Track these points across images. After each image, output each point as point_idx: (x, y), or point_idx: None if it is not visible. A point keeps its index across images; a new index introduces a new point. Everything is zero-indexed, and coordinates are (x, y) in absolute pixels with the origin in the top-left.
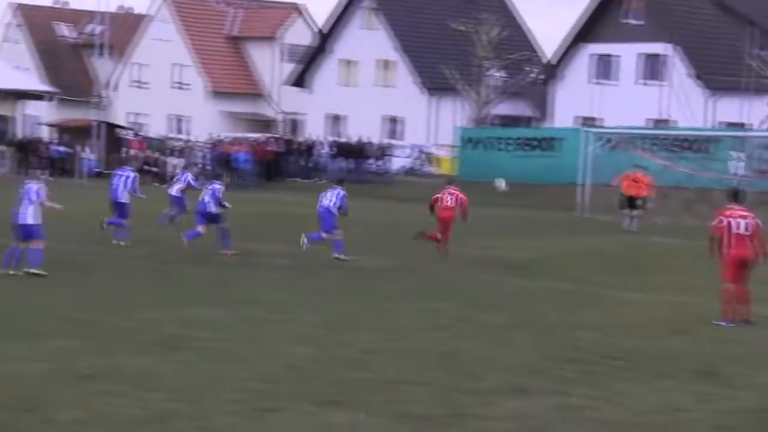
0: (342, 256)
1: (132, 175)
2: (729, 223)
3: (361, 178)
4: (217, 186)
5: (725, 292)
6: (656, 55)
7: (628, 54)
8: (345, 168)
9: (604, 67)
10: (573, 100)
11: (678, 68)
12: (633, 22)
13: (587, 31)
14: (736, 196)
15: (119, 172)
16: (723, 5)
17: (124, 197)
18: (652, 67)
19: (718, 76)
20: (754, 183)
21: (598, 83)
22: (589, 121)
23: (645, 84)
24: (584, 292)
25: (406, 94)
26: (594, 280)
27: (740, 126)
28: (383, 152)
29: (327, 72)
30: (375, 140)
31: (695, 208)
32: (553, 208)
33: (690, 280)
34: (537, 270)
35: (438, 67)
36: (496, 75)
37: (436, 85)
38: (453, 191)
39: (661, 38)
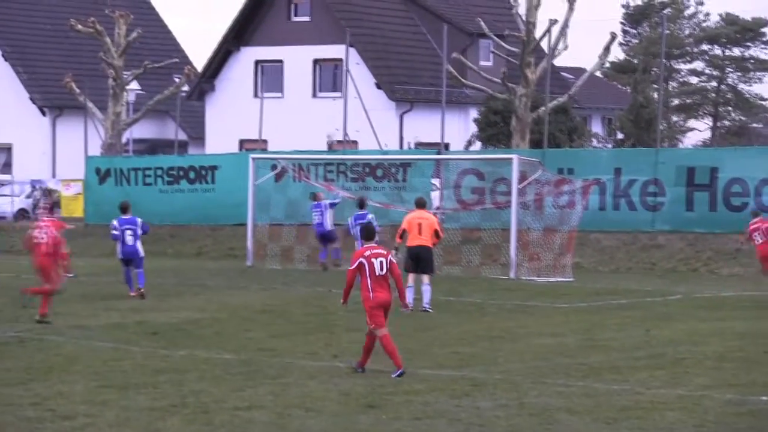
0: None
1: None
2: (370, 265)
3: None
4: None
5: (383, 338)
6: (331, 61)
7: (297, 60)
8: None
9: (269, 77)
10: (232, 118)
11: (359, 77)
12: (300, 19)
13: (244, 31)
14: (368, 233)
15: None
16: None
17: None
18: (328, 76)
19: (408, 85)
20: (456, 216)
21: (261, 97)
22: (253, 145)
23: (319, 97)
24: (256, 362)
25: (16, 114)
26: (268, 347)
27: (438, 147)
28: None
29: None
30: None
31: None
32: (211, 255)
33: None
34: (195, 336)
35: (57, 78)
36: (134, 88)
37: (56, 102)
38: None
39: (336, 39)
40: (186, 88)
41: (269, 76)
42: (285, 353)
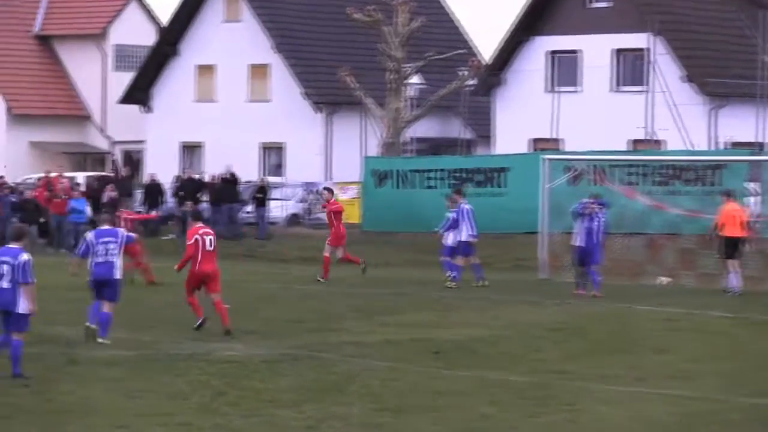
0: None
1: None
2: (203, 241)
3: (235, 232)
4: (23, 257)
5: (191, 302)
6: (634, 51)
7: (595, 50)
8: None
9: (564, 69)
10: (522, 115)
11: (666, 69)
12: (599, 5)
13: (537, 19)
14: (197, 215)
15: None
16: None
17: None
18: (630, 68)
19: (721, 78)
20: None
21: (555, 91)
22: (546, 144)
23: (619, 91)
24: (549, 385)
25: (288, 111)
26: (562, 369)
27: (755, 147)
28: (264, 194)
29: (176, 83)
30: (249, 176)
31: (698, 263)
32: (500, 266)
33: (694, 364)
34: (479, 356)
35: (333, 72)
36: (416, 82)
37: (330, 98)
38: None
39: (639, 27)
40: (472, 82)
41: (564, 68)
42: (581, 376)
